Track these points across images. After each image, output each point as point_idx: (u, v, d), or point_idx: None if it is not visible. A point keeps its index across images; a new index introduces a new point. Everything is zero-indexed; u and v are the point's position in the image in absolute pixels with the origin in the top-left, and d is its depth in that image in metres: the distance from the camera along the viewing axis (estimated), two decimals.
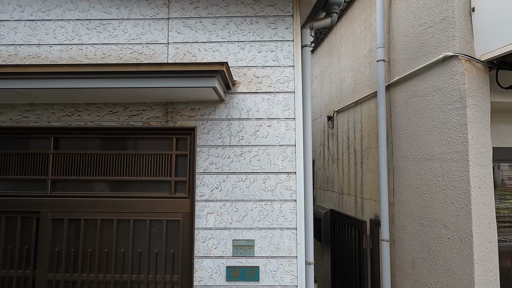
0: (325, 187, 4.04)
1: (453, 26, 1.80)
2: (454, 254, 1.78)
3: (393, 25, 2.42)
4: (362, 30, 2.99)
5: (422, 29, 2.08)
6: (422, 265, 2.05)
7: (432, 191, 1.97)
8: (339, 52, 3.59)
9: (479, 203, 1.68)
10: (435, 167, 1.94)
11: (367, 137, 2.86)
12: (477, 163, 1.70)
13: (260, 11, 1.92)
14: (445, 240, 1.85)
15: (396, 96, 2.37)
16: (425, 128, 2.04)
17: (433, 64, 1.94)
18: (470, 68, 1.74)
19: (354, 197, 3.12)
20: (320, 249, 4.10)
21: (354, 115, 3.15)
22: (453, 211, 1.79)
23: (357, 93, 3.09)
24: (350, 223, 2.99)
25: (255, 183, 1.84)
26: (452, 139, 1.81)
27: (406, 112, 2.24)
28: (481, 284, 1.65)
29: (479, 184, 1.69)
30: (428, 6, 2.01)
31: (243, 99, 1.87)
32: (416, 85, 2.14)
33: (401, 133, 2.31)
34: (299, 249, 1.80)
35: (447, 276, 1.83)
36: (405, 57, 2.26)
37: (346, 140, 3.36)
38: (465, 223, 1.71)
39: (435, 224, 1.93)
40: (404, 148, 2.27)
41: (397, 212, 2.34)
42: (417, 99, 2.12)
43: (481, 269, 1.65)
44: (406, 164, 2.25)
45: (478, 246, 1.66)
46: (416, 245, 2.11)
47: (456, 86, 1.78)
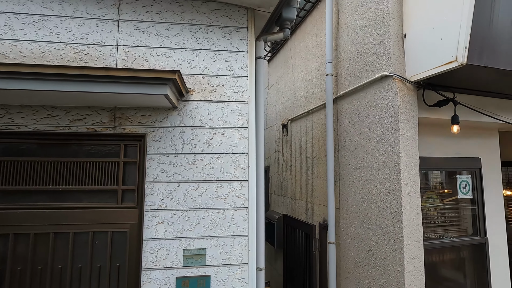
0: (279, 192, 4.16)
1: (389, 49, 2.02)
2: (388, 253, 1.97)
3: (340, 43, 2.63)
4: (314, 45, 3.18)
5: (364, 49, 2.29)
6: (363, 265, 2.23)
7: (371, 196, 2.16)
8: (293, 63, 3.76)
9: (409, 207, 1.90)
10: (374, 175, 2.14)
11: (317, 145, 3.03)
12: (407, 172, 1.92)
13: (215, 21, 1.94)
14: (382, 241, 2.04)
15: (342, 108, 2.57)
16: (366, 139, 2.24)
17: (373, 82, 2.15)
18: (402, 87, 1.97)
19: (305, 202, 3.28)
20: (273, 254, 4.20)
21: (306, 124, 3.33)
22: (388, 214, 1.99)
23: (309, 104, 3.27)
24: (301, 227, 3.13)
25: (207, 192, 1.83)
26: (388, 150, 2.01)
27: (351, 124, 2.44)
28: (410, 279, 1.85)
29: (409, 190, 1.91)
30: (369, 29, 2.23)
31: (197, 107, 1.87)
32: (359, 99, 2.34)
33: (346, 142, 2.50)
34: (250, 255, 1.84)
35: (383, 274, 2.02)
36: (350, 73, 2.46)
37: (298, 148, 3.52)
38: (397, 225, 1.91)
39: (374, 226, 2.13)
40: (348, 156, 2.46)
41: (342, 216, 2.52)
42: (360, 112, 2.32)
43: (410, 266, 1.86)
44: (350, 172, 2.44)
45: (407, 245, 1.87)
46: (358, 246, 2.29)
47: (390, 103, 1.99)
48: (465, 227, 2.59)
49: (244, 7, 1.98)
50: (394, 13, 2.03)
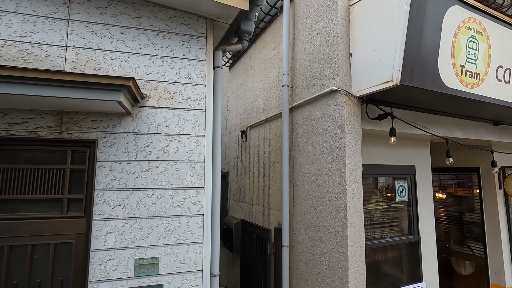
0: (238, 198, 4.21)
1: (337, 66, 2.21)
2: (335, 254, 2.13)
3: (296, 56, 2.79)
4: (272, 55, 3.32)
5: (316, 64, 2.46)
6: (313, 266, 2.37)
7: (321, 201, 2.32)
8: (253, 72, 3.87)
9: (353, 211, 2.08)
10: (323, 181, 2.31)
11: (274, 152, 3.16)
12: (352, 178, 2.10)
13: (174, 28, 1.95)
14: (329, 243, 2.20)
15: (297, 118, 2.72)
16: (317, 147, 2.41)
17: (323, 95, 2.33)
18: (348, 101, 2.16)
19: (262, 207, 3.37)
20: (231, 259, 4.22)
21: (264, 131, 3.44)
22: (335, 218, 2.15)
23: (267, 112, 3.39)
24: (258, 232, 3.21)
25: (162, 199, 1.82)
26: (335, 158, 2.19)
27: (304, 133, 2.59)
28: (353, 277, 2.02)
29: (353, 195, 2.09)
30: (321, 46, 2.41)
31: (152, 113, 1.85)
32: (311, 110, 2.50)
33: (300, 150, 2.65)
34: (205, 262, 1.86)
35: (330, 274, 2.17)
36: (304, 85, 2.62)
37: (257, 154, 3.62)
38: (342, 227, 2.08)
39: (323, 229, 2.28)
40: (302, 163, 2.61)
41: (296, 220, 2.65)
42: (312, 123, 2.48)
43: (353, 264, 2.03)
44: (303, 178, 2.58)
45: (351, 246, 2.04)
46: (309, 248, 2.43)
47: (338, 115, 2.17)
48: (402, 227, 2.89)
49: (203, 16, 2.02)
50: (342, 34, 2.23)
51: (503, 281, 3.48)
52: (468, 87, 2.12)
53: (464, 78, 2.09)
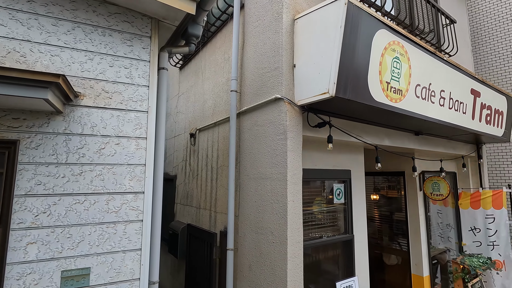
0: (185, 202, 4.12)
1: (282, 75, 2.33)
2: (276, 255, 2.23)
3: (245, 62, 2.86)
4: (222, 60, 3.35)
5: (263, 72, 2.56)
6: (256, 267, 2.43)
7: (264, 204, 2.41)
8: (203, 75, 3.85)
9: (293, 213, 2.20)
10: (267, 185, 2.40)
11: (222, 156, 3.17)
12: (292, 182, 2.23)
13: (115, 25, 1.85)
14: (271, 244, 2.29)
15: (244, 123, 2.78)
16: (262, 152, 2.49)
17: (269, 102, 2.43)
18: (291, 109, 2.29)
19: (209, 211, 3.35)
20: (176, 265, 4.10)
21: (213, 135, 3.44)
22: (277, 220, 2.25)
23: (216, 115, 3.40)
24: (204, 236, 3.18)
25: (96, 205, 1.70)
26: (278, 163, 2.29)
27: (250, 138, 2.67)
28: (291, 275, 2.13)
29: (293, 198, 2.22)
30: (267, 55, 2.51)
31: (87, 113, 1.73)
32: (257, 116, 2.59)
33: (246, 155, 2.71)
34: (143, 270, 1.79)
35: (271, 274, 2.26)
36: (252, 91, 2.70)
37: (205, 158, 3.59)
38: (283, 229, 2.18)
39: (265, 231, 2.36)
40: (248, 168, 2.67)
41: (241, 223, 2.70)
42: (258, 128, 2.57)
43: (292, 264, 2.14)
44: (249, 182, 2.65)
45: (290, 246, 2.15)
46: (253, 251, 2.50)
47: (282, 122, 2.29)
48: (339, 227, 3.14)
49: (148, 16, 1.96)
50: (287, 45, 2.36)
51: (421, 271, 3.99)
52: (392, 101, 2.41)
53: (389, 93, 2.37)
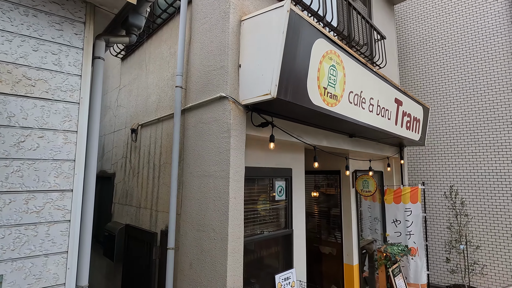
0: (124, 201, 3.88)
1: (227, 74, 2.36)
2: (217, 251, 2.25)
3: (191, 59, 2.82)
4: (168, 54, 3.25)
5: (209, 69, 2.56)
6: (197, 265, 2.43)
7: (207, 201, 2.41)
8: (147, 68, 3.68)
9: (234, 209, 2.25)
10: (210, 182, 2.41)
11: (165, 153, 3.08)
12: (235, 179, 2.28)
13: (41, 5, 1.67)
14: (212, 241, 2.31)
15: (189, 120, 2.74)
16: (206, 150, 2.49)
17: (214, 100, 2.44)
18: (235, 108, 2.34)
19: (150, 210, 3.22)
20: (113, 268, 3.84)
21: (156, 131, 3.31)
22: (218, 216, 2.28)
23: (160, 111, 3.28)
24: (143, 236, 3.05)
25: (12, 205, 1.52)
26: (222, 161, 2.32)
27: (195, 135, 2.64)
28: (231, 270, 2.18)
29: (235, 195, 2.27)
30: (213, 53, 2.52)
31: (3, 101, 1.53)
32: (202, 113, 2.58)
33: (190, 152, 2.68)
34: (69, 274, 1.65)
35: (212, 270, 2.28)
36: (197, 88, 2.68)
37: (147, 155, 3.44)
38: (224, 225, 2.22)
39: (207, 228, 2.37)
40: (191, 165, 2.65)
41: (183, 222, 2.66)
42: (203, 125, 2.56)
43: (232, 259, 2.19)
44: (192, 179, 2.62)
45: (231, 242, 2.20)
46: (194, 248, 2.48)
47: (226, 120, 2.32)
48: (280, 222, 3.30)
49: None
50: (233, 45, 2.41)
51: (352, 261, 4.42)
52: (329, 105, 2.62)
53: (326, 98, 2.58)
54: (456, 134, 6.18)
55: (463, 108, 6.15)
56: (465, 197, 5.88)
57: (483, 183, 5.80)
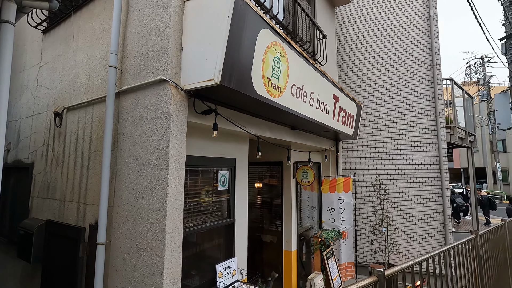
0: (45, 194, 3.41)
1: (168, 57, 2.22)
2: (153, 244, 2.13)
3: (128, 37, 2.58)
4: (101, 31, 2.92)
5: (148, 50, 2.38)
6: (131, 260, 2.27)
7: (143, 191, 2.26)
8: (76, 44, 3.25)
9: (173, 199, 2.15)
10: (147, 171, 2.25)
11: (96, 140, 2.78)
12: (174, 168, 2.17)
13: None
14: (149, 233, 2.17)
15: (124, 104, 2.51)
16: (143, 136, 2.32)
17: (153, 83, 2.28)
18: (176, 93, 2.22)
19: (78, 204, 2.89)
20: (30, 271, 3.36)
21: (86, 115, 2.96)
22: (156, 207, 2.16)
23: (90, 93, 2.94)
24: (69, 233, 2.72)
25: None
26: (160, 148, 2.19)
27: (131, 121, 2.44)
28: (169, 262, 2.09)
29: (174, 184, 2.17)
30: (153, 33, 2.34)
31: None
32: (140, 97, 2.39)
33: (125, 139, 2.46)
34: None
35: (148, 264, 2.15)
36: (135, 69, 2.47)
37: (74, 142, 3.06)
38: (162, 216, 2.11)
39: (143, 220, 2.23)
40: (126, 153, 2.44)
41: (116, 214, 2.45)
42: (140, 110, 2.37)
43: (170, 250, 2.10)
44: (127, 168, 2.42)
45: (169, 233, 2.10)
46: (128, 242, 2.31)
47: (166, 105, 2.19)
48: (222, 212, 3.28)
49: None
50: (175, 26, 2.27)
51: (291, 247, 4.65)
52: (272, 96, 2.67)
53: (269, 88, 2.62)
54: (382, 130, 6.94)
55: (389, 108, 6.93)
56: (388, 186, 6.68)
57: (401, 174, 6.66)
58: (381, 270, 1.34)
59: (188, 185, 2.86)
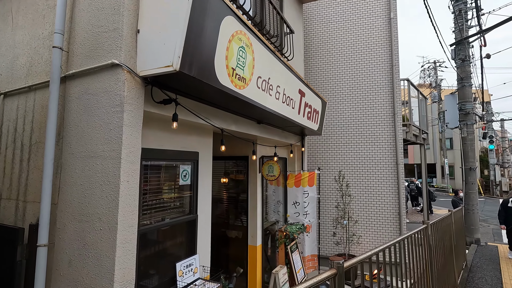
0: None
1: (121, 39, 2.02)
2: (103, 244, 1.95)
3: (76, 15, 2.32)
4: (45, 7, 2.59)
5: (100, 31, 2.15)
6: (78, 262, 2.05)
7: (92, 187, 2.05)
8: (15, 21, 2.87)
9: (126, 194, 1.98)
10: (97, 164, 2.05)
11: (38, 130, 2.48)
12: (128, 161, 2.00)
13: None
14: (98, 232, 1.98)
15: (72, 90, 2.26)
16: (93, 126, 2.10)
17: (104, 67, 2.06)
18: (131, 79, 2.03)
19: (16, 201, 2.57)
20: None
21: (27, 102, 2.63)
22: (106, 203, 1.97)
23: (32, 77, 2.61)
24: (4, 234, 2.41)
25: None
26: (112, 139, 2.00)
27: (79, 109, 2.20)
28: (121, 263, 1.92)
29: (128, 178, 1.99)
30: (106, 11, 2.12)
31: None
32: (90, 82, 2.16)
33: (72, 129, 2.22)
34: None
35: (97, 266, 1.96)
36: (84, 52, 2.22)
37: (13, 132, 2.71)
38: (113, 213, 1.93)
39: (92, 218, 2.02)
40: (73, 144, 2.20)
41: (60, 212, 2.21)
42: (90, 97, 2.15)
43: (122, 250, 1.93)
44: (74, 161, 2.19)
45: (121, 231, 1.93)
46: (74, 243, 2.09)
47: (118, 92, 2.00)
48: (184, 208, 3.14)
49: None
50: (130, 6, 2.07)
51: (256, 242, 4.63)
52: (237, 87, 2.58)
53: (234, 79, 2.52)
54: (345, 127, 7.19)
55: (352, 105, 7.19)
56: (350, 180, 6.95)
57: (362, 168, 6.97)
58: (340, 263, 1.34)
59: (147, 179, 2.68)
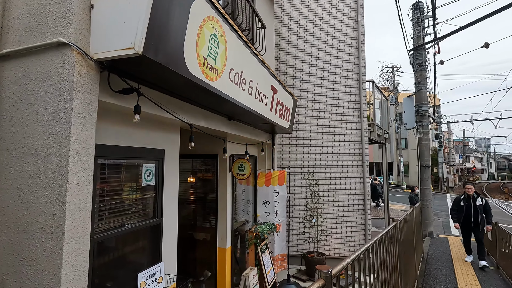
0: None
1: (70, 14, 1.69)
2: (46, 258, 1.62)
3: None
4: None
5: (43, 3, 1.79)
6: (13, 282, 1.69)
7: (32, 190, 1.70)
8: None
9: (76, 199, 1.66)
10: (38, 163, 1.70)
11: None
12: (78, 159, 1.68)
13: None
14: (39, 245, 1.64)
15: (6, 73, 1.87)
16: (33, 117, 1.75)
17: (48, 46, 1.72)
18: (82, 62, 1.71)
19: None
20: None
21: None
22: (50, 210, 1.64)
23: None
24: None
25: None
26: (57, 133, 1.67)
27: (15, 96, 1.82)
28: (68, 281, 1.61)
29: (78, 179, 1.68)
30: None
31: None
32: (29, 65, 1.79)
33: (6, 120, 1.83)
34: None
35: (37, 285, 1.62)
36: (22, 28, 1.84)
37: None
38: (59, 221, 1.61)
39: (32, 228, 1.67)
40: (8, 139, 1.81)
41: None
42: (29, 82, 1.78)
43: (70, 266, 1.62)
44: (8, 160, 1.80)
45: (69, 243, 1.62)
46: (8, 258, 1.72)
47: (66, 77, 1.67)
48: (147, 211, 2.83)
49: None
50: None
51: (225, 244, 4.42)
52: (208, 79, 2.35)
53: (205, 69, 2.29)
54: (315, 125, 7.25)
55: (321, 104, 7.27)
56: (319, 178, 7.02)
57: (330, 167, 7.08)
58: (328, 272, 1.21)
59: (104, 180, 2.35)
